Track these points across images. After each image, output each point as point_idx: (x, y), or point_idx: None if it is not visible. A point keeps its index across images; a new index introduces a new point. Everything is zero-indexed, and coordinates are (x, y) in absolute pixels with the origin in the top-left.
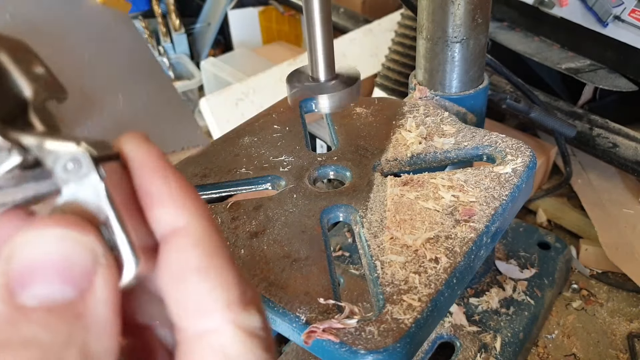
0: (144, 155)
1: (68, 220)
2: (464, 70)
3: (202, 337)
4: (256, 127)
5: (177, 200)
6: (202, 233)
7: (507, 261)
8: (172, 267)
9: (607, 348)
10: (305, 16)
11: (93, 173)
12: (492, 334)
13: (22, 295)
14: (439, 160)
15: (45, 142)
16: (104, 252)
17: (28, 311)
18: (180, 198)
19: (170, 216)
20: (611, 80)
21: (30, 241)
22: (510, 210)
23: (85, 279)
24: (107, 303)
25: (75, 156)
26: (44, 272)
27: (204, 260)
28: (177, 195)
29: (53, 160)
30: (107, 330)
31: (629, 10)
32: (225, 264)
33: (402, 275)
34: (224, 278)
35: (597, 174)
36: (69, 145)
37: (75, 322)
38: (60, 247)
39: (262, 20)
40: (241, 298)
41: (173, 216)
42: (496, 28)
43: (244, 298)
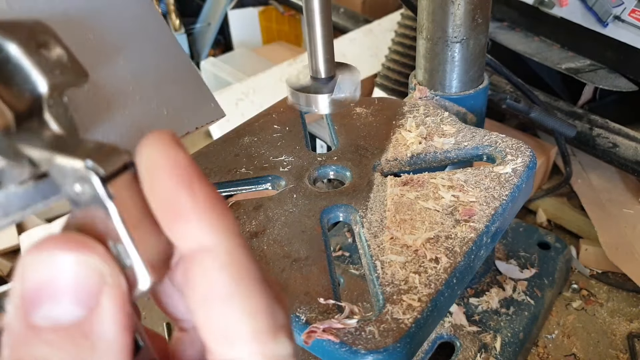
0: (165, 161)
1: (76, 240)
2: (464, 70)
3: None
4: (256, 127)
5: (203, 216)
6: (229, 255)
7: (507, 261)
8: (197, 289)
9: (607, 348)
10: (305, 16)
11: (102, 193)
12: (492, 334)
13: (34, 315)
14: (439, 160)
15: (54, 158)
16: (111, 272)
17: (40, 331)
18: (208, 214)
19: (195, 233)
20: (611, 80)
21: (39, 262)
22: (510, 210)
23: (92, 299)
24: (114, 321)
25: (83, 176)
26: (52, 292)
27: (231, 286)
28: (204, 210)
29: (62, 178)
30: (115, 347)
31: (629, 10)
32: (254, 289)
33: (402, 275)
34: (252, 305)
35: (597, 174)
36: (77, 163)
37: (83, 341)
38: (68, 268)
39: (262, 20)
40: (270, 326)
41: (198, 234)
42: (496, 28)
43: (274, 325)
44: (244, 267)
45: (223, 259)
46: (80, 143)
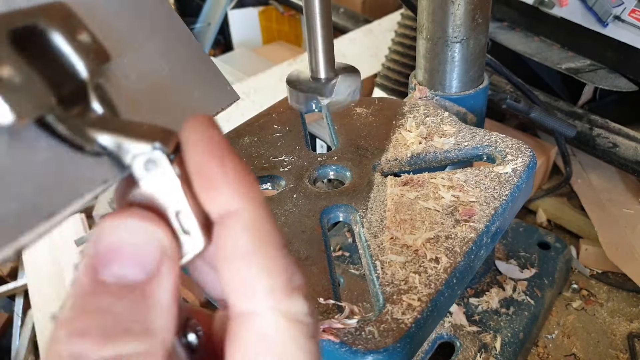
0: (202, 139)
1: (144, 214)
2: (464, 70)
3: (247, 319)
4: (256, 127)
5: (231, 184)
6: (252, 219)
7: (507, 261)
8: (224, 248)
9: (607, 348)
10: (305, 16)
11: (169, 172)
12: (492, 334)
13: (103, 272)
14: (439, 160)
15: (122, 142)
16: (171, 246)
17: (106, 286)
18: (235, 182)
19: (223, 199)
20: (611, 80)
21: (113, 228)
22: (510, 210)
23: (153, 266)
24: (169, 289)
25: (152, 157)
26: (121, 256)
27: (252, 245)
28: (232, 179)
29: (131, 159)
30: (166, 311)
31: (629, 10)
32: (273, 251)
33: (402, 275)
34: (270, 265)
35: (597, 174)
36: (146, 145)
37: (142, 300)
38: (137, 237)
39: (262, 20)
40: (286, 285)
41: (226, 199)
42: (496, 28)
43: (289, 285)
44: (266, 231)
45: (246, 222)
46: (131, 124)
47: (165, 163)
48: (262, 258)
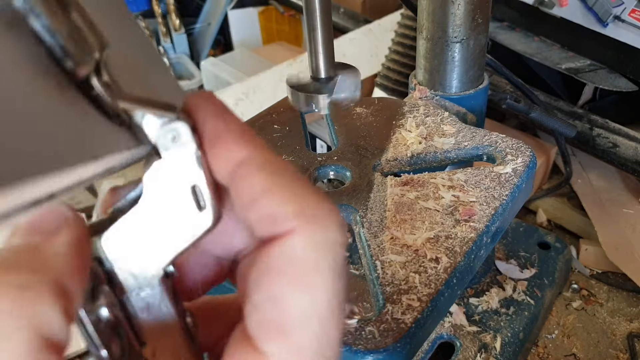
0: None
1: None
2: (464, 70)
3: (274, 242)
4: (256, 127)
5: (236, 135)
6: (264, 160)
7: (507, 261)
8: (243, 195)
9: (607, 348)
10: (305, 16)
11: (191, 143)
12: (492, 334)
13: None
14: (439, 160)
15: (147, 111)
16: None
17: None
18: (239, 134)
19: (232, 151)
20: (611, 80)
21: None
22: (510, 210)
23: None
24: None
25: (177, 127)
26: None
27: (270, 180)
28: (236, 132)
29: (155, 129)
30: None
31: (629, 10)
32: (293, 181)
33: (402, 275)
34: (293, 191)
35: (597, 174)
36: (170, 115)
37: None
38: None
39: (262, 20)
40: (314, 208)
41: (234, 150)
42: (496, 28)
43: (318, 209)
44: (279, 166)
45: (258, 162)
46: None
47: (187, 133)
48: (284, 187)
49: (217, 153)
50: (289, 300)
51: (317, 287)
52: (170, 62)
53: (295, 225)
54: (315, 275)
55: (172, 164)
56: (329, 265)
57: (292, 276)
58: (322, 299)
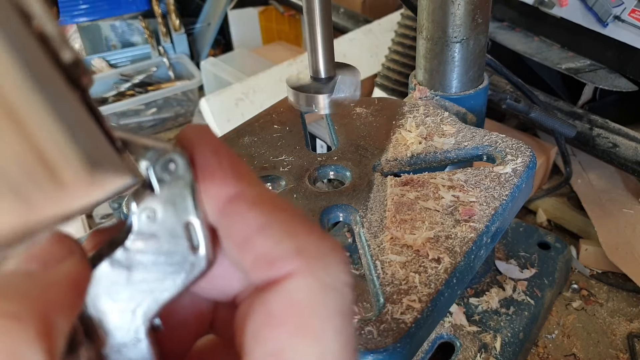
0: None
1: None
2: (464, 70)
3: (273, 288)
4: (256, 127)
5: (227, 170)
6: (257, 195)
7: (507, 261)
8: (235, 235)
9: (607, 348)
10: (305, 16)
11: (188, 175)
12: (492, 334)
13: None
14: (439, 160)
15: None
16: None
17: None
18: (231, 168)
19: (222, 187)
20: (611, 80)
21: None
22: (510, 210)
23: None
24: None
25: (173, 158)
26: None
27: (265, 216)
28: (227, 166)
29: (151, 159)
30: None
31: (629, 10)
32: (291, 217)
33: (402, 275)
34: (291, 228)
35: (597, 174)
36: (167, 145)
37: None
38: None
39: (262, 20)
40: (315, 245)
41: (225, 187)
42: (496, 28)
43: (320, 246)
44: (274, 201)
45: (251, 199)
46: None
47: (184, 165)
48: (280, 224)
49: (207, 189)
50: (294, 355)
51: (325, 336)
52: (170, 62)
53: (296, 266)
54: (322, 322)
55: (166, 198)
56: (336, 310)
57: (295, 326)
58: (332, 349)
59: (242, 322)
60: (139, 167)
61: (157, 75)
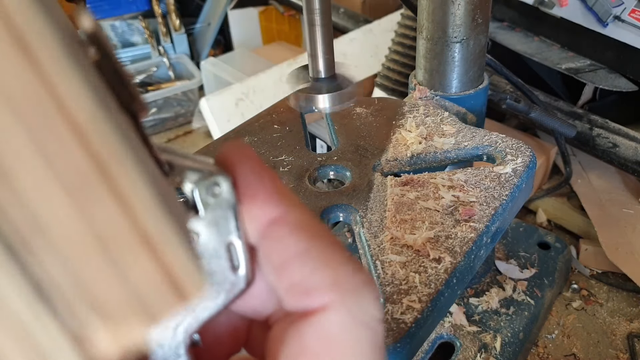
0: (239, 158)
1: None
2: (464, 70)
3: (306, 317)
4: (256, 127)
5: (269, 192)
6: (298, 219)
7: (507, 261)
8: (273, 258)
9: (607, 348)
10: (305, 16)
11: (231, 198)
12: (492, 334)
13: None
14: (439, 160)
15: (186, 162)
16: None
17: None
18: (273, 190)
19: (265, 209)
20: (611, 80)
21: None
22: (510, 210)
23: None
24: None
25: (218, 181)
26: None
27: (304, 243)
28: (271, 189)
29: (195, 181)
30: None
31: (629, 10)
32: (329, 246)
33: (402, 275)
34: (328, 258)
35: (597, 174)
36: (210, 166)
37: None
38: None
39: (262, 20)
40: (350, 279)
41: (267, 209)
42: (496, 28)
43: (354, 280)
44: (314, 227)
45: (292, 223)
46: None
47: (228, 188)
48: (318, 252)
49: (249, 210)
50: None
51: None
52: (170, 62)
53: (331, 299)
54: (355, 357)
55: (209, 220)
56: (368, 345)
57: (323, 356)
58: None
59: (275, 346)
60: (183, 189)
61: (157, 75)
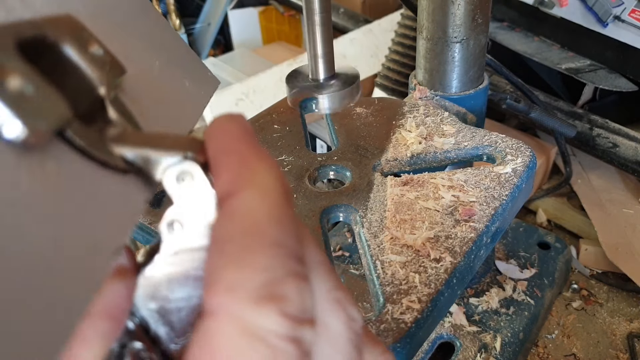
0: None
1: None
2: (464, 70)
3: (204, 318)
4: (256, 127)
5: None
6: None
7: (507, 261)
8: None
9: (607, 348)
10: (305, 16)
11: (203, 182)
12: (492, 334)
13: None
14: (439, 160)
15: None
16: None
17: None
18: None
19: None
20: (611, 80)
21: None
22: (510, 210)
23: None
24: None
25: (185, 167)
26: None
27: (232, 231)
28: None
29: (162, 171)
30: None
31: (629, 10)
32: (257, 245)
33: (402, 275)
34: (244, 257)
35: (597, 174)
36: (177, 156)
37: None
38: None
39: (262, 20)
40: (258, 288)
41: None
42: (496, 28)
43: (264, 291)
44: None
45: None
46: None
47: (198, 172)
48: (237, 248)
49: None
50: None
51: None
52: None
53: (226, 308)
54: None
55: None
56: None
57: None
58: None
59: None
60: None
61: None
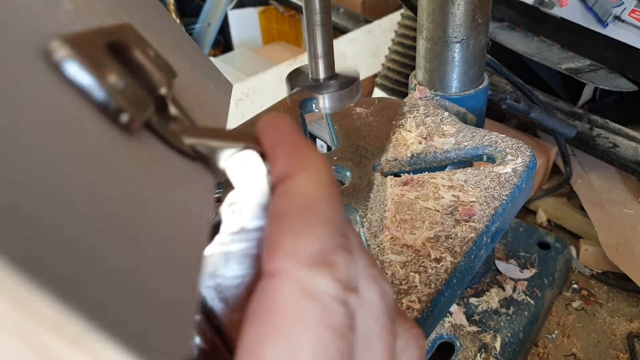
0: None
1: None
2: (464, 70)
3: (264, 280)
4: None
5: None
6: (298, 183)
7: (507, 261)
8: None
9: (607, 348)
10: (305, 16)
11: (261, 169)
12: (492, 334)
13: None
14: (439, 160)
15: (215, 145)
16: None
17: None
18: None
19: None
20: (611, 80)
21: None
22: (510, 210)
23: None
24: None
25: (246, 155)
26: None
27: (288, 206)
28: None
29: (226, 160)
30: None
31: (629, 10)
32: (310, 217)
33: (402, 274)
34: (299, 227)
35: (597, 174)
36: (238, 146)
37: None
38: None
39: (262, 20)
40: (314, 254)
41: (280, 167)
42: (496, 28)
43: (319, 257)
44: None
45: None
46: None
47: (257, 160)
48: (295, 220)
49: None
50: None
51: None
52: None
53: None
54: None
55: (245, 190)
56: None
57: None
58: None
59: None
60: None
61: None
